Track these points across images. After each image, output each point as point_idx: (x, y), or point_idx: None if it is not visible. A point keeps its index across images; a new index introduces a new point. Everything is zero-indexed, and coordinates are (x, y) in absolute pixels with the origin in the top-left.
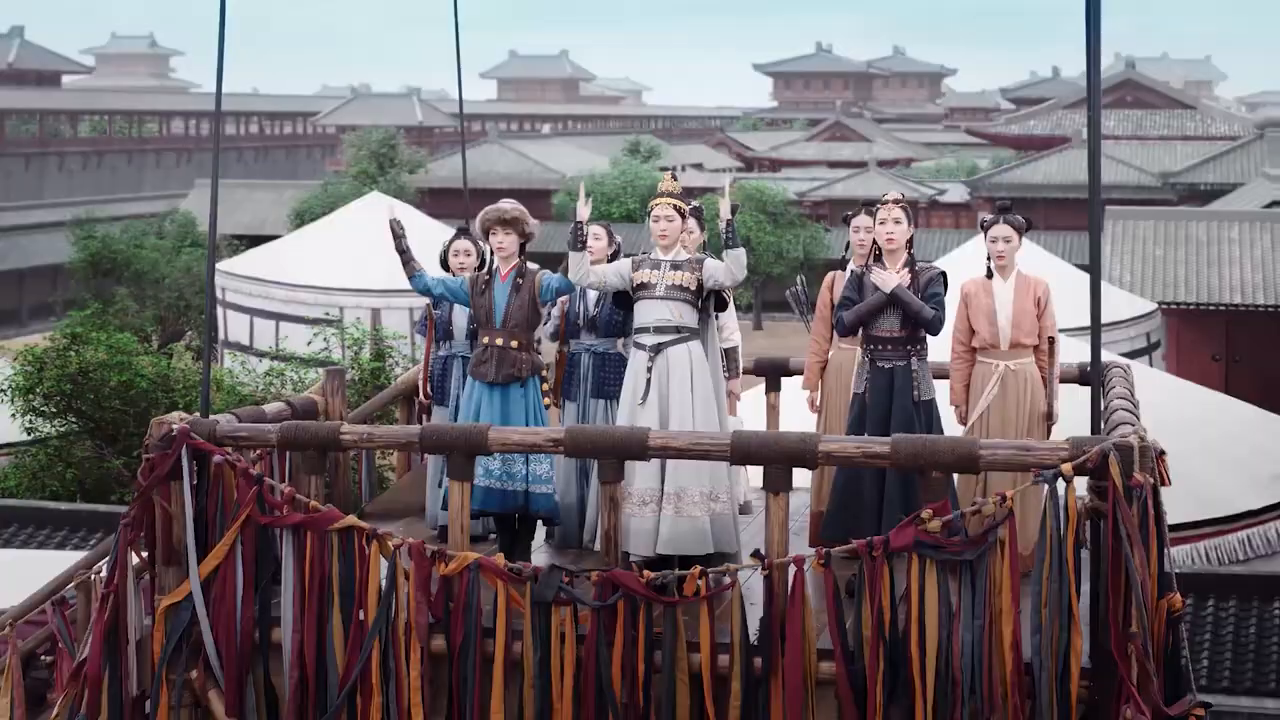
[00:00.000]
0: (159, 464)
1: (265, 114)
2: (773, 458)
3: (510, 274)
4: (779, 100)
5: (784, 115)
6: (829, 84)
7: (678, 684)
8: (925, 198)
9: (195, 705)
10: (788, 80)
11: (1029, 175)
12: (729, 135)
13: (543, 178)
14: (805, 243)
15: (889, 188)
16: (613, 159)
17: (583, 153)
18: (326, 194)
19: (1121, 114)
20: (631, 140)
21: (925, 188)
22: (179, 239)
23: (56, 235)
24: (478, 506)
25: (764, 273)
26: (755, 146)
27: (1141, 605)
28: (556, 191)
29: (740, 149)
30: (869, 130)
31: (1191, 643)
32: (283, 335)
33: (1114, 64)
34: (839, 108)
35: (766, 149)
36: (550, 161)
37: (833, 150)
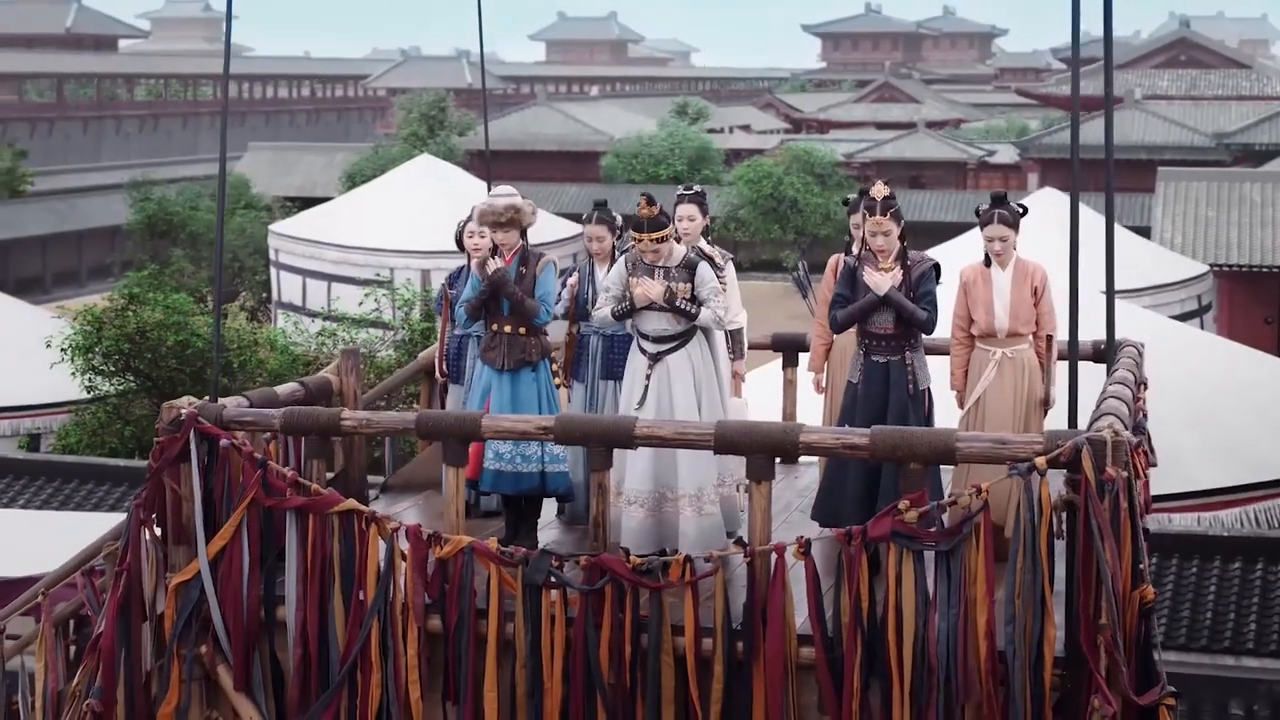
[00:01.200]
0: (168, 447)
1: (317, 77)
2: (754, 448)
3: (513, 260)
4: (827, 61)
5: (832, 76)
6: (878, 44)
7: (663, 666)
8: (974, 159)
9: (205, 679)
10: (836, 41)
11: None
12: (777, 96)
13: (590, 140)
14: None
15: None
16: (660, 121)
17: (630, 114)
18: (377, 156)
19: (1175, 73)
20: (679, 102)
21: (974, 149)
22: (233, 201)
23: (114, 197)
24: (488, 488)
25: (811, 234)
26: (803, 108)
27: (1112, 597)
28: (604, 154)
29: (788, 110)
30: (918, 91)
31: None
32: (334, 296)
33: (1168, 22)
34: (888, 68)
35: (814, 110)
36: (598, 123)
37: (881, 111)
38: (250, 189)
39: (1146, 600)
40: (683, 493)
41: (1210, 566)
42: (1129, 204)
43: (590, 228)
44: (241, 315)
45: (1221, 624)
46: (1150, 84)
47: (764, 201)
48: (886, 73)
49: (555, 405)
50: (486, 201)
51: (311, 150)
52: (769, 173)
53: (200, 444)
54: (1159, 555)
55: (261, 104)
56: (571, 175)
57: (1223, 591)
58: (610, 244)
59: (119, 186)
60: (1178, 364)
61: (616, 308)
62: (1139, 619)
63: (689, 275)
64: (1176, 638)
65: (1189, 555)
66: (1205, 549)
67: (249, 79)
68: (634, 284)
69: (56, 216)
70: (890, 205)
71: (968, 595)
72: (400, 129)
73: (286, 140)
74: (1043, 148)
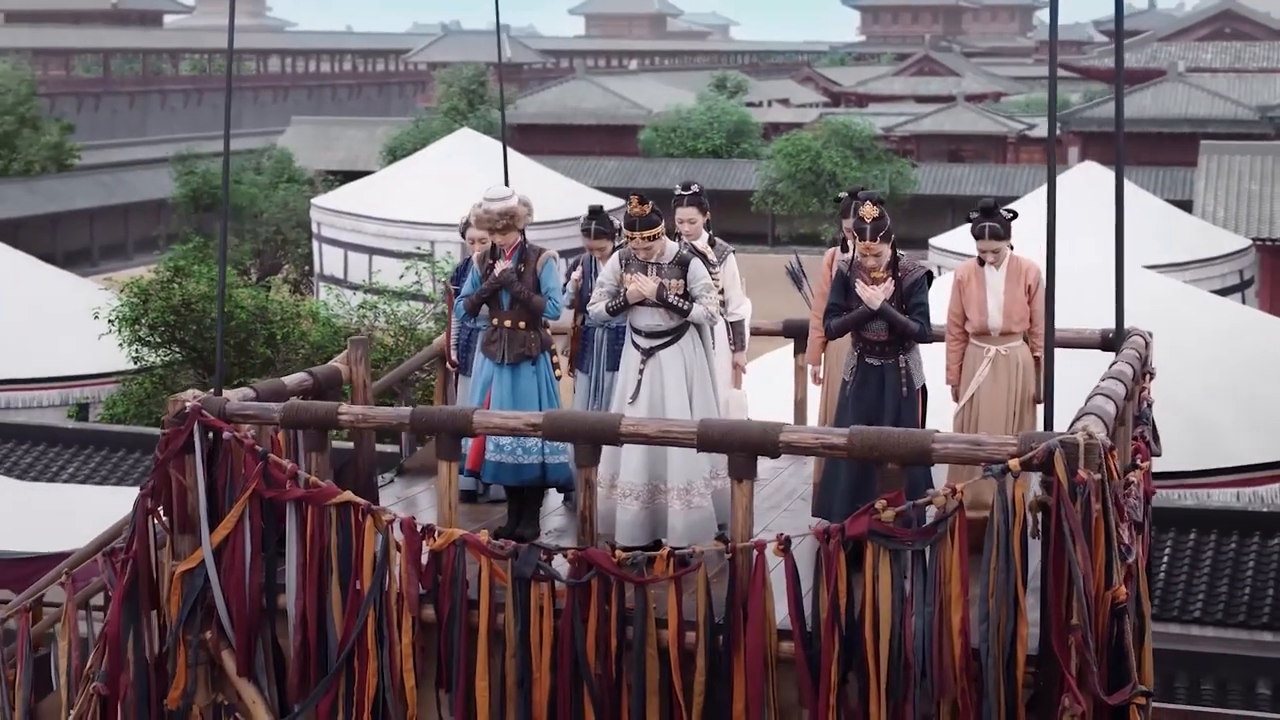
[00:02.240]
0: (173, 438)
1: (358, 52)
2: (735, 446)
3: (513, 255)
4: (867, 34)
5: (872, 49)
6: (917, 17)
7: (647, 658)
8: (1014, 133)
9: (210, 664)
10: (876, 14)
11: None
12: (816, 70)
13: (629, 114)
14: (891, 178)
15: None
16: (699, 94)
17: (669, 88)
18: (418, 130)
19: (1219, 46)
20: (718, 76)
21: (1015, 122)
22: (276, 175)
23: (160, 171)
24: (489, 479)
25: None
26: (842, 81)
27: (1083, 598)
28: (643, 127)
29: (827, 84)
30: (958, 64)
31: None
32: (376, 269)
33: None
34: (927, 41)
35: (853, 84)
36: (637, 97)
37: (920, 85)
38: (293, 163)
39: (1119, 600)
40: (672, 486)
41: (1249, 542)
42: (1171, 178)
43: (591, 241)
44: (284, 288)
45: (1260, 600)
46: (1194, 57)
47: (802, 175)
48: (926, 46)
49: (555, 398)
50: (483, 206)
51: (353, 124)
52: (807, 146)
53: (204, 436)
54: (1197, 530)
55: (304, 78)
56: (610, 149)
57: (1261, 567)
58: (610, 249)
59: (164, 160)
60: (1219, 339)
61: (610, 304)
62: (1111, 619)
63: (681, 272)
64: (1214, 613)
65: (1228, 531)
66: (1244, 524)
67: (292, 54)
68: (627, 280)
69: (103, 190)
70: (880, 228)
71: (943, 594)
72: (441, 103)
73: (328, 114)
74: (1084, 121)
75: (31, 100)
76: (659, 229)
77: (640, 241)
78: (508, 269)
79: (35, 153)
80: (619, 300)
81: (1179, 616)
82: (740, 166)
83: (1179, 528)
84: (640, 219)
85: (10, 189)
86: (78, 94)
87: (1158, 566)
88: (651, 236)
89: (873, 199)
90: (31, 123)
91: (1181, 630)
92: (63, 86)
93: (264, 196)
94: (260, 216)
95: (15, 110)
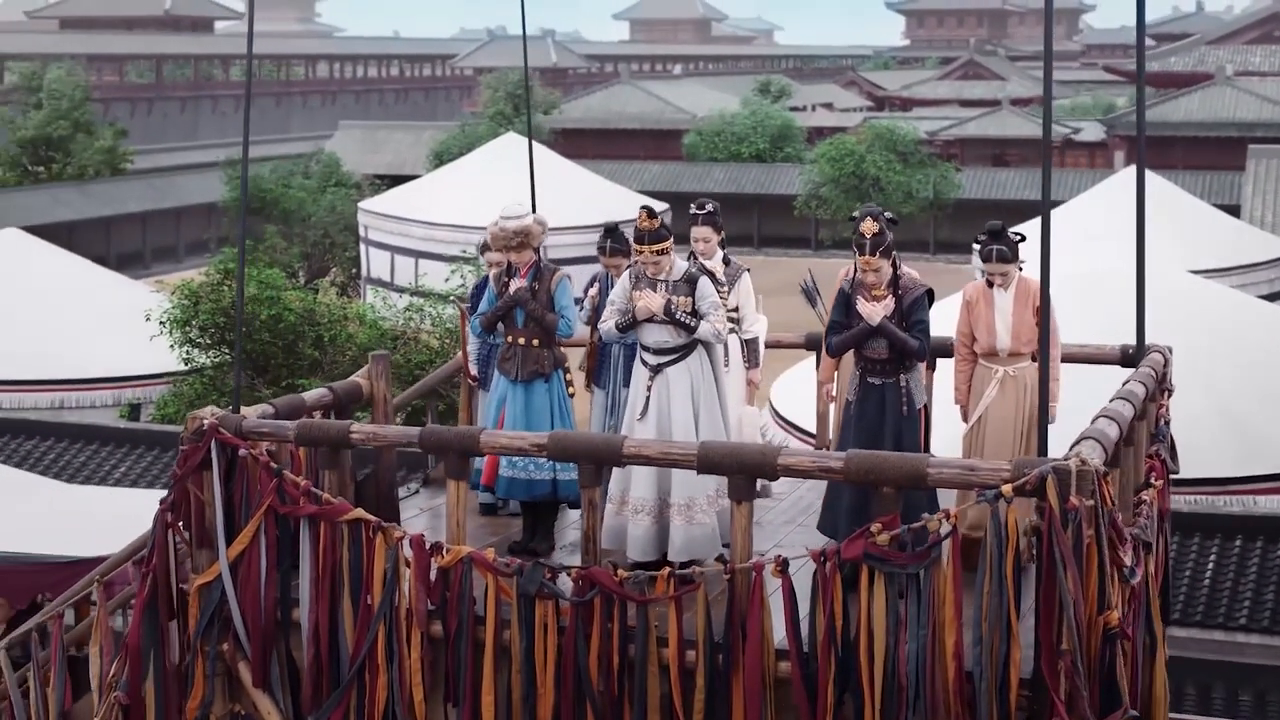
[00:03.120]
0: (191, 455)
1: (405, 57)
2: (735, 469)
3: (528, 274)
4: (911, 38)
5: (916, 54)
6: (962, 21)
7: (649, 676)
8: (1060, 136)
9: (227, 675)
10: (920, 18)
11: (1169, 113)
12: (860, 74)
13: (673, 118)
14: (935, 182)
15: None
16: (743, 99)
17: (713, 93)
18: (464, 135)
19: (1268, 49)
20: (762, 80)
21: (1060, 126)
22: (324, 179)
23: (210, 175)
24: (503, 494)
25: (893, 212)
26: (886, 85)
27: (1073, 624)
28: (687, 132)
29: (871, 88)
30: (1003, 68)
31: None
32: (422, 272)
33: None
34: (972, 45)
35: (898, 88)
36: (681, 102)
37: (965, 89)
38: (341, 167)
39: (1110, 625)
40: (674, 502)
41: None
42: (1218, 182)
43: (607, 259)
44: (332, 290)
45: None
46: (1242, 60)
47: (846, 179)
48: (971, 49)
49: (567, 415)
50: (498, 224)
51: (400, 129)
52: (851, 150)
53: (221, 453)
54: (1243, 537)
55: (351, 83)
56: (654, 153)
57: None
58: (626, 266)
59: (214, 164)
60: (1265, 344)
61: (620, 320)
62: (1103, 644)
63: (690, 289)
64: (1260, 620)
65: (1275, 537)
66: None
67: (339, 59)
68: (636, 297)
69: (155, 193)
70: (879, 243)
71: (937, 617)
72: (486, 108)
73: (376, 119)
74: (1130, 125)
75: (85, 105)
76: (667, 244)
77: (649, 256)
78: (522, 287)
79: (89, 157)
80: (627, 317)
81: (1223, 624)
82: (784, 171)
83: (1224, 534)
84: (649, 233)
85: (65, 192)
86: (130, 99)
87: (1202, 574)
88: (660, 251)
89: (873, 214)
90: (85, 127)
91: (1226, 638)
92: (116, 92)
93: (312, 200)
94: (308, 220)
95: (70, 115)
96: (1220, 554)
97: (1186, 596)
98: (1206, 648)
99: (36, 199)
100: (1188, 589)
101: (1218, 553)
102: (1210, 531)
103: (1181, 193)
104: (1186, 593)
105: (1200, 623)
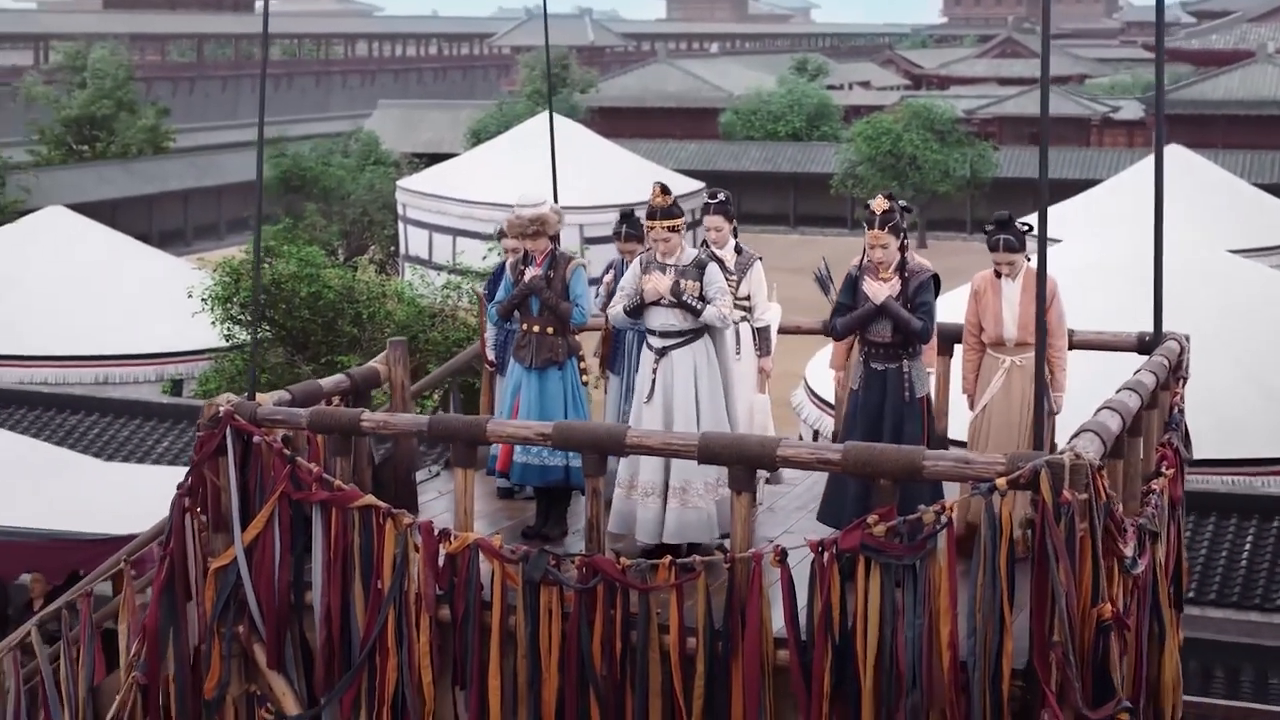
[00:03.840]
0: (208, 441)
1: (443, 35)
2: (734, 460)
3: (544, 263)
4: (949, 16)
5: (954, 31)
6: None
7: (650, 662)
8: (1098, 115)
9: (243, 656)
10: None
11: (1209, 91)
12: (897, 53)
13: (710, 96)
14: (973, 161)
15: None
16: (780, 77)
17: (750, 71)
18: (501, 113)
19: None
20: (799, 59)
21: (1098, 105)
22: (363, 157)
23: (250, 153)
24: (516, 480)
25: (929, 191)
26: (924, 64)
27: (1064, 616)
28: (723, 110)
29: (908, 66)
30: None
31: None
32: (459, 249)
33: None
34: (1010, 23)
35: (935, 66)
36: (718, 80)
37: (1003, 67)
38: (379, 145)
39: (1104, 618)
40: (671, 484)
41: None
42: (1259, 161)
43: (622, 244)
44: (371, 268)
45: None
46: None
47: (882, 158)
48: (1009, 28)
49: (581, 403)
50: (515, 212)
51: (438, 107)
52: (888, 129)
53: (236, 440)
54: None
55: (390, 62)
56: (691, 132)
57: None
58: (641, 252)
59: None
60: None
61: (627, 304)
62: (1096, 636)
63: (699, 274)
64: None
65: None
66: None
67: (378, 38)
68: (645, 280)
69: (197, 172)
70: (889, 220)
71: (932, 607)
72: (524, 86)
73: (414, 98)
74: (1169, 103)
75: (128, 84)
76: (679, 221)
77: (660, 231)
78: (537, 276)
79: (132, 135)
80: (636, 299)
81: (1260, 605)
82: (820, 149)
83: (1262, 515)
84: (661, 210)
85: (109, 170)
86: (173, 78)
87: (1239, 554)
88: (672, 227)
89: (887, 195)
90: (129, 106)
91: (1264, 619)
92: (158, 71)
93: (351, 179)
94: (348, 198)
95: (113, 94)
96: (1257, 535)
97: (1222, 578)
98: (1243, 629)
99: (81, 177)
100: (1224, 570)
101: (1254, 533)
102: (1247, 512)
103: (1222, 172)
104: (1222, 574)
105: (1237, 604)
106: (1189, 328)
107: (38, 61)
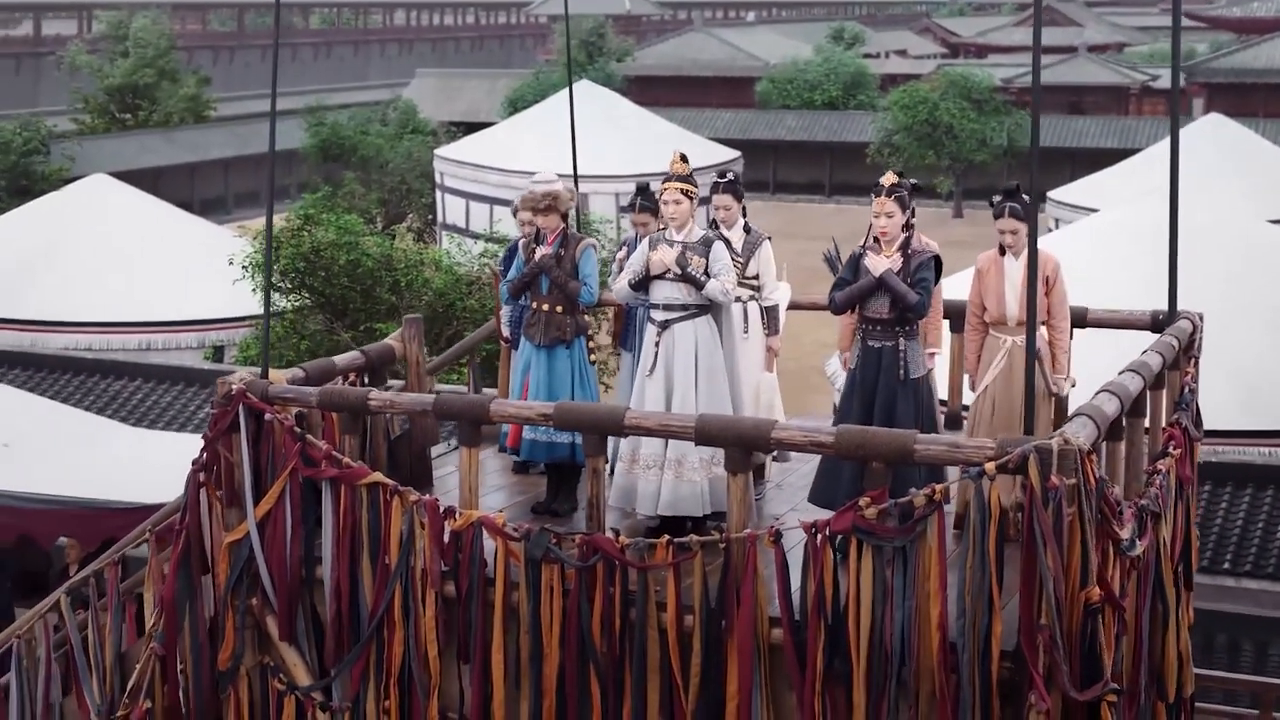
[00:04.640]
0: (221, 418)
1: (481, 5)
2: (730, 442)
3: (555, 242)
4: None
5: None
6: None
7: (648, 639)
8: (1137, 84)
9: (256, 628)
10: None
11: (1250, 60)
12: (935, 21)
13: (746, 65)
14: (1010, 130)
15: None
16: (816, 46)
17: (786, 40)
18: (538, 82)
19: None
20: (835, 27)
21: (1137, 73)
22: (401, 126)
23: (291, 122)
24: (525, 457)
25: (966, 160)
26: (961, 32)
27: (1051, 599)
28: (759, 79)
29: (945, 34)
30: (1080, 14)
31: None
32: (496, 218)
33: None
34: None
35: (973, 34)
36: (754, 49)
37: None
38: (417, 114)
39: (1091, 601)
40: (668, 457)
41: None
42: None
43: (636, 216)
44: (409, 236)
45: None
46: None
47: (919, 127)
48: None
49: (589, 380)
50: (528, 188)
51: (475, 76)
52: (925, 98)
53: (249, 417)
54: None
55: (428, 31)
56: (727, 101)
57: None
58: (655, 226)
59: (295, 112)
60: None
61: (633, 277)
62: (1085, 619)
63: (705, 251)
64: None
65: None
66: None
67: (416, 7)
68: (652, 254)
69: (238, 140)
70: (896, 191)
71: (922, 589)
72: (560, 55)
73: (452, 67)
74: (1210, 72)
75: (170, 54)
76: (691, 188)
77: (673, 192)
78: (547, 255)
79: (174, 104)
80: (641, 271)
81: None
82: (856, 118)
83: None
84: (676, 175)
85: (151, 139)
86: (213, 47)
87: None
88: (684, 191)
89: (899, 173)
90: (170, 75)
91: None
92: (199, 40)
93: (389, 147)
94: (386, 167)
95: (155, 63)
96: None
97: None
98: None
99: (124, 145)
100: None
101: None
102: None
103: (1262, 141)
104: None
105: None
106: (1225, 298)
107: (81, 30)
